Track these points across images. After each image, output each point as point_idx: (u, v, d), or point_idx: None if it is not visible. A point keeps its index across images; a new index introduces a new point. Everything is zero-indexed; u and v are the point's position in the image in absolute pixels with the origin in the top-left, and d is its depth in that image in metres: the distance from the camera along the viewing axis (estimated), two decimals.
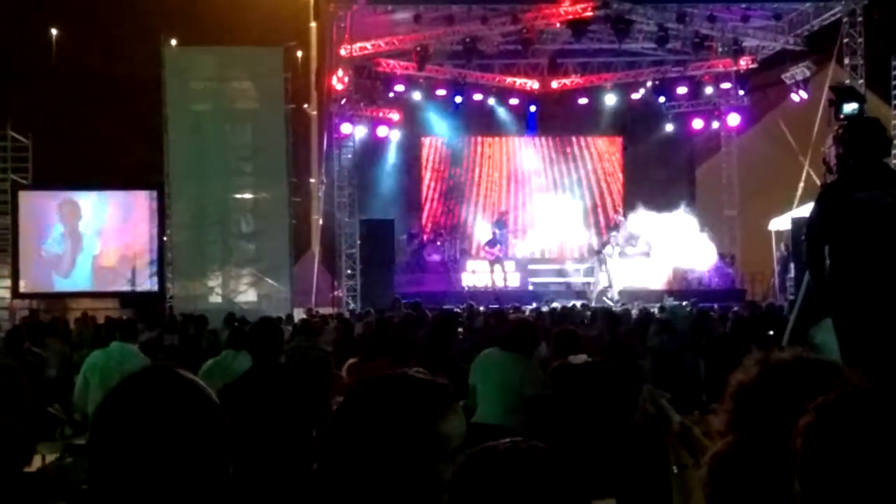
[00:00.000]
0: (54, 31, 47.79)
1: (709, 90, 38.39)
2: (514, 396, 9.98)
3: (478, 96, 37.96)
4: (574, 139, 40.86)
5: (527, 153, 40.43)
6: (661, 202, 34.93)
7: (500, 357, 10.31)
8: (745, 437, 3.01)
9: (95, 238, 32.03)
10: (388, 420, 2.75)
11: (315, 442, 7.93)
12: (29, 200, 32.36)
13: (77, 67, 43.72)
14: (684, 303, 27.09)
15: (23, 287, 31.70)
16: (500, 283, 34.68)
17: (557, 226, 38.22)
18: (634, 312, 22.68)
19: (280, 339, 8.82)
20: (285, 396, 8.07)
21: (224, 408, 2.81)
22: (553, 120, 39.63)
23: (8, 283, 32.21)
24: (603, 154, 40.81)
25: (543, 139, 40.74)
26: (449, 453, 2.76)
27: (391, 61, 35.75)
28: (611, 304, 30.38)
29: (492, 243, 35.49)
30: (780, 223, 33.45)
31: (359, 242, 33.65)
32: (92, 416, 8.64)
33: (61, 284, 31.81)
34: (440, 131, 39.78)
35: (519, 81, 38.62)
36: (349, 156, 34.84)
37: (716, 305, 26.36)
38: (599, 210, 39.32)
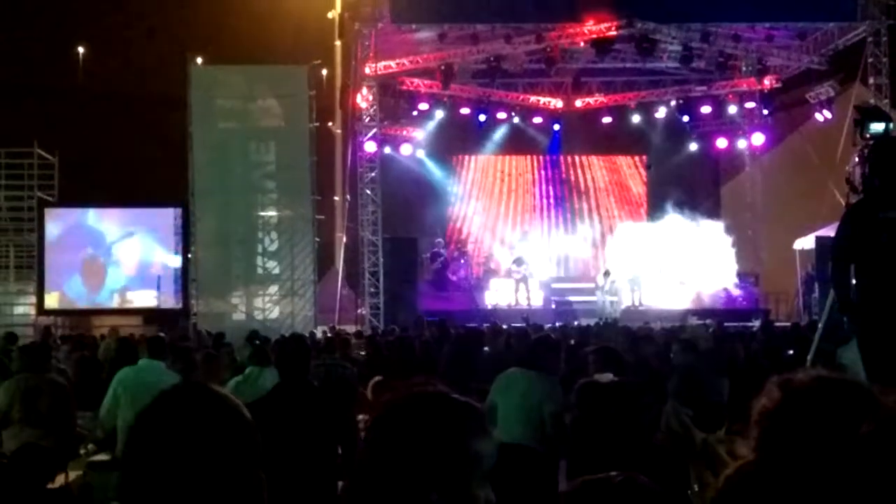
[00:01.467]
0: (81, 50, 48.07)
1: (733, 109, 38.27)
2: (534, 415, 9.96)
3: (502, 115, 37.98)
4: (598, 158, 40.86)
5: (550, 172, 40.43)
6: (685, 221, 34.86)
7: (521, 376, 10.26)
8: (767, 460, 3.01)
9: (122, 255, 32.10)
10: (422, 438, 2.75)
11: (340, 459, 7.92)
12: (56, 217, 32.46)
13: (103, 86, 44.00)
14: (707, 321, 27.02)
15: (48, 304, 31.78)
16: (523, 302, 34.66)
17: (581, 245, 38.20)
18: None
19: (307, 356, 8.83)
20: (312, 413, 8.07)
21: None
22: (577, 138, 39.59)
23: (33, 299, 32.30)
24: (626, 173, 40.78)
25: (567, 158, 40.74)
26: (482, 473, 2.77)
27: (415, 80, 35.82)
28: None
29: (518, 262, 35.50)
30: (805, 242, 33.33)
31: (382, 260, 33.67)
32: (122, 431, 8.70)
33: (86, 301, 31.89)
34: (464, 150, 39.83)
35: (543, 100, 38.65)
36: (373, 174, 34.85)
37: (739, 325, 26.29)
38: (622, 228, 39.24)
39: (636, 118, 38.38)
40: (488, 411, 10.00)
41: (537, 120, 38.76)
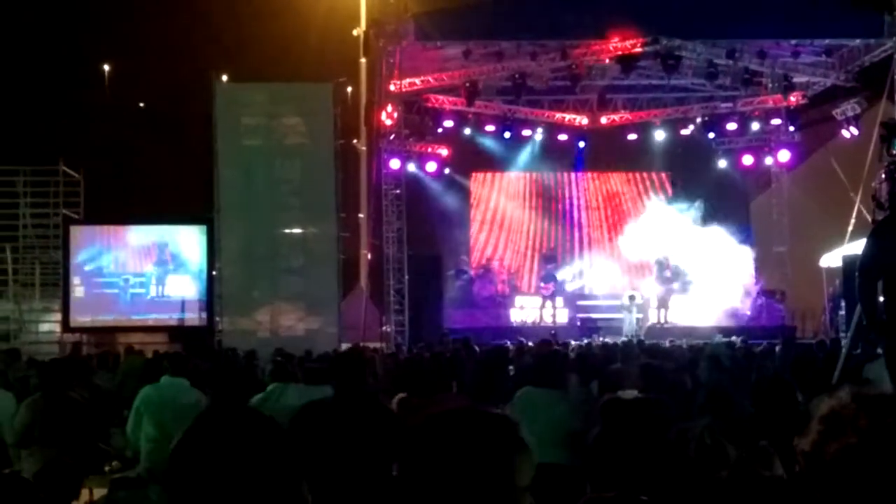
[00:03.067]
0: (106, 68, 48.24)
1: (758, 126, 38.13)
2: (562, 433, 9.90)
3: (527, 132, 37.97)
4: (623, 175, 40.83)
5: (575, 189, 40.42)
6: (712, 237, 34.83)
7: (538, 395, 10.20)
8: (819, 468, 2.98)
9: (146, 273, 32.17)
10: (462, 455, 2.73)
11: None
12: (82, 234, 32.55)
13: (129, 103, 44.19)
14: (734, 338, 26.93)
15: (73, 321, 31.84)
16: (548, 320, 34.65)
17: (606, 262, 38.14)
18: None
19: (364, 369, 8.82)
20: (368, 426, 8.03)
21: (304, 435, 2.88)
22: (602, 156, 39.55)
23: (58, 316, 32.37)
24: (652, 190, 40.72)
25: (592, 175, 40.73)
26: (521, 490, 2.74)
27: (440, 97, 35.83)
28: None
29: (546, 279, 35.50)
30: (831, 259, 33.22)
31: (407, 277, 33.69)
32: (145, 449, 8.66)
33: (111, 318, 31.95)
34: (489, 167, 39.84)
35: (568, 117, 38.61)
36: (398, 191, 34.87)
37: (764, 343, 26.16)
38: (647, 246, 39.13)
39: (661, 135, 38.29)
40: None
41: (562, 137, 38.69)
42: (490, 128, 36.94)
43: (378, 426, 8.03)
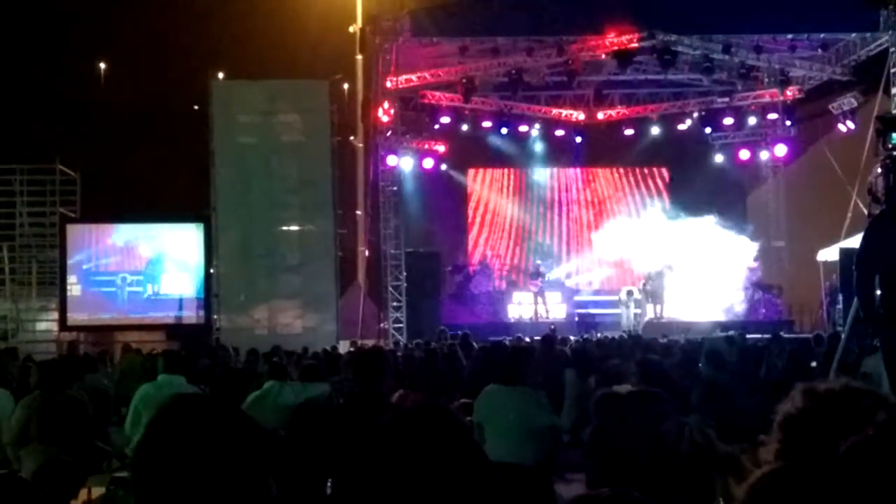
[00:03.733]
0: (102, 66, 48.21)
1: (755, 121, 38.18)
2: (523, 431, 9.82)
3: (523, 128, 37.92)
4: (620, 170, 40.83)
5: (573, 184, 40.43)
6: (708, 232, 34.83)
7: (503, 393, 10.03)
8: (789, 467, 2.97)
9: (143, 270, 32.15)
10: (410, 455, 2.74)
11: None
12: (79, 233, 32.53)
13: (125, 101, 44.09)
14: (731, 333, 26.94)
15: (70, 320, 31.82)
16: (543, 315, 34.66)
17: (603, 257, 38.16)
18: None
19: (384, 367, 8.82)
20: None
21: (324, 432, 2.88)
22: (599, 151, 39.55)
23: (55, 315, 32.37)
24: (649, 185, 40.74)
25: (589, 170, 40.72)
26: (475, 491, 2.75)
27: (437, 93, 35.82)
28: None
29: (535, 275, 35.51)
30: (829, 254, 33.20)
31: (405, 274, 33.68)
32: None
33: (109, 317, 31.93)
34: (486, 163, 39.84)
35: (564, 113, 38.60)
36: (395, 188, 34.86)
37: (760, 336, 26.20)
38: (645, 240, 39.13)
39: (658, 130, 38.28)
40: (475, 431, 9.78)
41: (559, 132, 38.67)
42: (487, 124, 36.91)
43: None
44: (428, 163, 37.71)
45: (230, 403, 2.87)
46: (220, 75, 33.62)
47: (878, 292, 8.26)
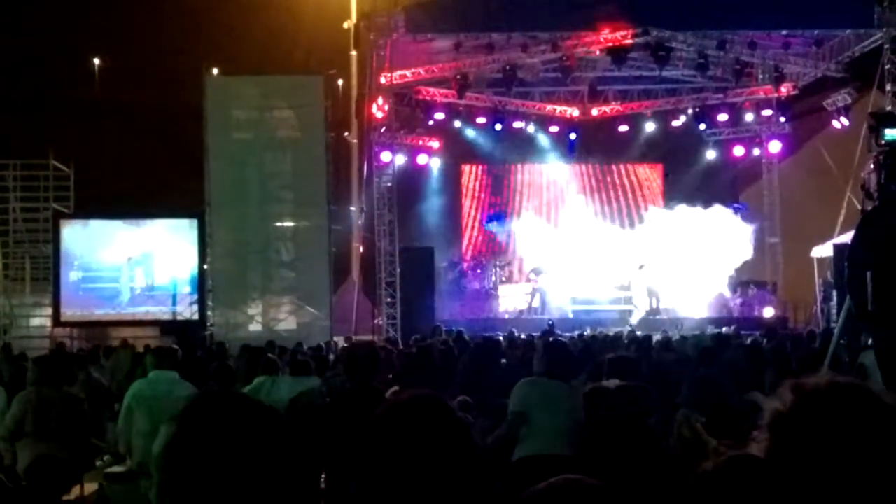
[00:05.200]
0: (97, 61, 48.16)
1: (749, 117, 38.18)
2: (572, 425, 9.79)
3: (518, 124, 37.92)
4: (614, 166, 40.84)
5: (567, 181, 40.42)
6: (702, 228, 34.82)
7: (550, 386, 9.93)
8: (777, 463, 2.97)
9: (136, 266, 32.12)
10: (402, 444, 2.74)
11: None
12: (72, 228, 32.48)
13: (119, 97, 44.08)
14: (724, 329, 27.01)
15: (64, 316, 31.78)
16: (540, 311, 34.66)
17: (598, 253, 38.11)
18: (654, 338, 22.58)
19: (377, 363, 8.83)
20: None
21: (317, 427, 2.88)
22: (593, 147, 39.54)
23: (49, 311, 32.33)
24: (643, 181, 40.76)
25: (584, 167, 40.72)
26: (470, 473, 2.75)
27: (431, 89, 35.81)
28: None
29: (536, 272, 35.53)
30: (823, 250, 33.23)
31: (399, 270, 33.68)
32: (137, 443, 8.66)
33: (102, 312, 31.90)
34: (480, 159, 39.83)
35: (559, 109, 38.62)
36: (389, 183, 34.87)
37: (758, 334, 26.21)
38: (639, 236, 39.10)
39: (653, 126, 38.32)
40: (512, 423, 9.71)
41: (554, 129, 38.70)
42: (481, 120, 36.91)
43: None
44: (422, 159, 37.72)
45: (257, 401, 2.88)
46: (215, 71, 33.61)
47: (870, 289, 8.26)
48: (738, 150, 39.45)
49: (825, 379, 3.00)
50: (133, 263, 32.09)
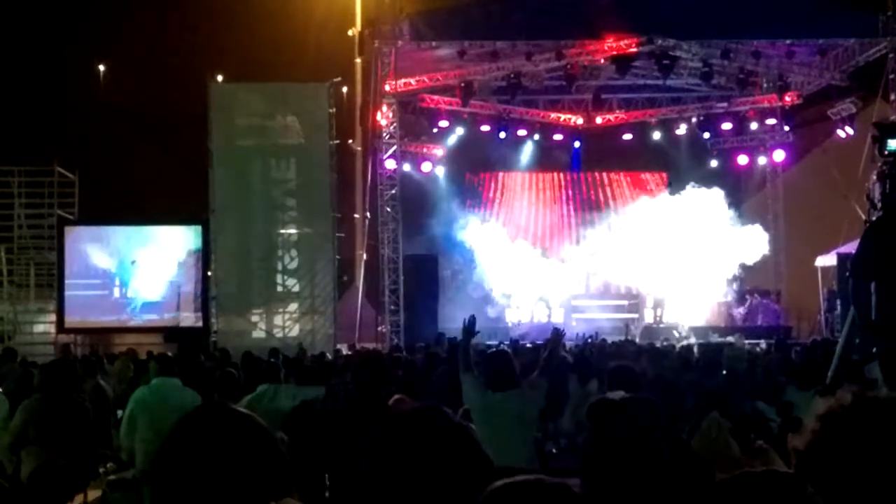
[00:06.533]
0: (101, 68, 48.17)
1: (753, 126, 38.24)
2: (523, 435, 9.79)
3: (522, 132, 38.01)
4: (618, 175, 40.83)
5: (570, 188, 40.41)
6: (706, 235, 34.79)
7: (492, 398, 9.83)
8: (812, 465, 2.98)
9: (141, 273, 32.10)
10: (413, 457, 2.75)
11: None
12: (76, 235, 32.48)
13: (123, 103, 44.07)
14: (729, 338, 26.98)
15: (68, 322, 31.77)
16: (543, 320, 34.64)
17: (601, 262, 38.08)
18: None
19: (385, 374, 8.83)
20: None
21: (322, 436, 2.91)
22: (597, 155, 39.63)
23: (53, 317, 32.32)
24: (647, 190, 40.73)
25: (587, 174, 40.72)
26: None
27: (435, 97, 35.87)
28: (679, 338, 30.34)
29: (538, 280, 35.53)
30: (826, 259, 33.22)
31: (403, 278, 33.68)
32: (140, 450, 8.66)
33: (106, 319, 31.90)
34: (484, 167, 39.86)
35: (563, 117, 38.67)
36: (393, 191, 34.89)
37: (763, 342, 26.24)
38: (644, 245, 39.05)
39: (657, 135, 38.37)
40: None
41: (558, 137, 38.77)
42: (485, 128, 36.98)
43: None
44: (426, 166, 37.78)
45: (244, 413, 2.91)
46: (220, 78, 33.59)
47: (874, 300, 8.25)
48: (742, 159, 39.50)
49: (886, 394, 3.02)
50: (137, 270, 32.07)
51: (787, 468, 4.35)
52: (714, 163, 39.66)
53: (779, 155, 38.95)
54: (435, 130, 36.70)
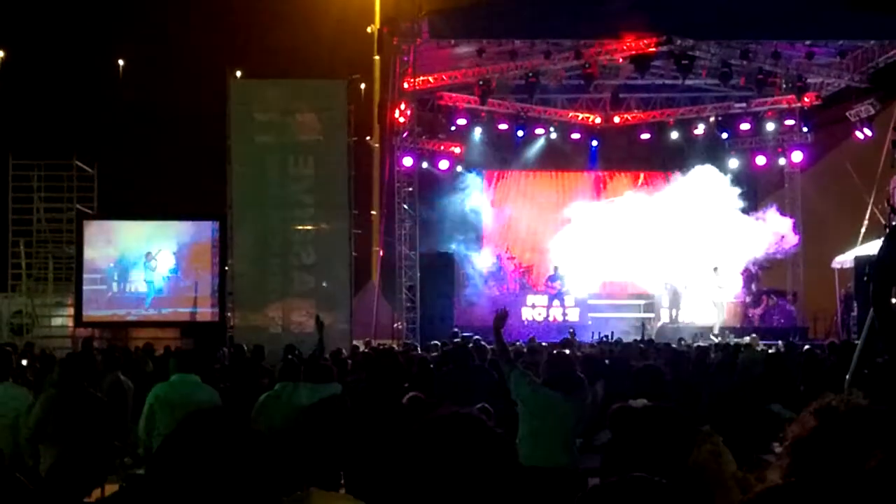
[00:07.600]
0: (121, 63, 48.26)
1: (772, 127, 38.16)
2: (570, 437, 9.91)
3: (540, 130, 38.01)
4: (636, 174, 40.76)
5: (588, 188, 40.37)
6: (723, 236, 34.71)
7: (555, 397, 10.05)
8: (798, 485, 2.98)
9: (158, 268, 32.18)
10: (452, 461, 2.76)
11: None
12: (95, 229, 32.57)
13: (142, 98, 44.16)
14: (745, 338, 26.96)
15: (86, 316, 31.87)
16: (559, 318, 34.59)
17: (618, 261, 38.02)
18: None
19: (398, 370, 8.87)
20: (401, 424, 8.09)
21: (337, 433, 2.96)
22: (615, 155, 39.56)
23: (71, 311, 32.43)
24: (665, 189, 40.63)
25: (605, 174, 40.68)
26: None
27: (454, 95, 35.87)
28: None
29: (553, 278, 35.49)
30: (844, 261, 33.16)
31: (419, 275, 33.73)
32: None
33: (124, 313, 31.99)
34: (502, 165, 39.83)
35: (581, 116, 38.63)
36: (410, 188, 34.95)
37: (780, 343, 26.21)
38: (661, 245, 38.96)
39: (675, 135, 38.32)
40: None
41: (575, 135, 38.71)
42: (503, 126, 36.99)
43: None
44: (443, 164, 37.74)
45: (241, 420, 2.95)
46: (238, 74, 33.63)
47: (894, 302, 8.25)
48: (760, 160, 39.38)
49: (845, 403, 3.02)
50: (155, 265, 32.16)
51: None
52: (732, 163, 39.51)
53: (797, 156, 38.82)
54: (453, 128, 36.68)
